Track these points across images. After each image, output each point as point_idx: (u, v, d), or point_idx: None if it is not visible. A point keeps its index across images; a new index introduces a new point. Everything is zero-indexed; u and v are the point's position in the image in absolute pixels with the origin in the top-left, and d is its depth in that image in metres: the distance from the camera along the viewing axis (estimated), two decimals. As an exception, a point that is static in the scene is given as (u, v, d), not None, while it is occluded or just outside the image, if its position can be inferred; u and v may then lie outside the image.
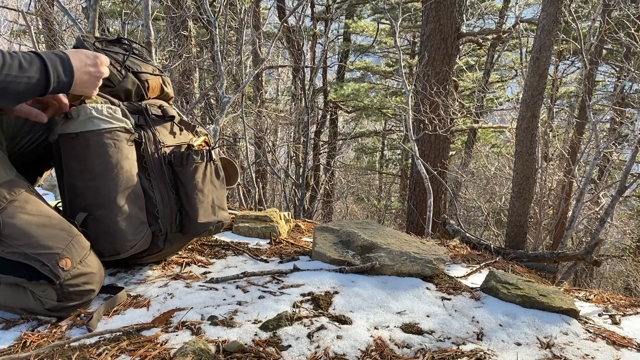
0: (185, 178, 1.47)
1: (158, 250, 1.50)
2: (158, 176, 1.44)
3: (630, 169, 4.69)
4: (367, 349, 1.18)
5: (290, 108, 10.63)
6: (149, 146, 1.43)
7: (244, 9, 5.79)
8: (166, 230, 1.46)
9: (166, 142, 1.48)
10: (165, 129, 1.51)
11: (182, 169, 1.47)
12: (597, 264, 2.99)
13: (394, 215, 13.38)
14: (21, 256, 1.16)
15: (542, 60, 3.91)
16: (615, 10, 7.00)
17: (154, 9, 6.39)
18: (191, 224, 1.49)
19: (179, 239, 1.54)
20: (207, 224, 1.52)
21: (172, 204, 1.46)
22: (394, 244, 1.82)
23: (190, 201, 1.47)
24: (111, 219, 1.33)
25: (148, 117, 1.46)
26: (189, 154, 1.48)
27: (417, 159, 5.36)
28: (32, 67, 1.09)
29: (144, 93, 1.53)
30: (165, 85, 1.64)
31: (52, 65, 1.12)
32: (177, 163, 1.47)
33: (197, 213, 1.48)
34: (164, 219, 1.44)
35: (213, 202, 1.55)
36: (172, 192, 1.46)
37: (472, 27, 10.81)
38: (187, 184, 1.47)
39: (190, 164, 1.47)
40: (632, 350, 1.33)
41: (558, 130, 8.71)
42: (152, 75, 1.57)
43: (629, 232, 9.26)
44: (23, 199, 1.22)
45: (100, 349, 1.09)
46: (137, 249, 1.39)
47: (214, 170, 1.57)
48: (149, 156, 1.43)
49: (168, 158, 1.46)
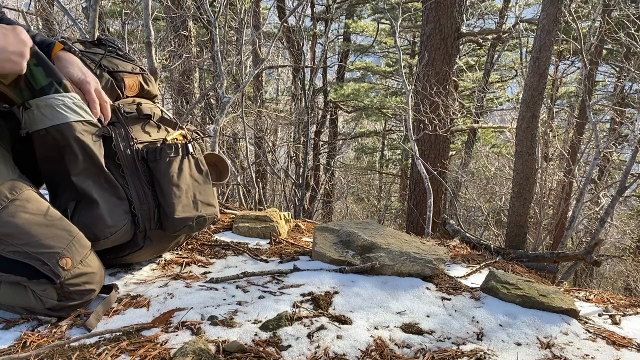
0: (159, 173, 1.45)
1: (138, 248, 1.48)
2: (132, 172, 1.43)
3: (630, 169, 4.69)
4: (367, 349, 1.18)
5: (290, 108, 10.64)
6: (120, 143, 1.42)
7: (244, 9, 5.78)
8: (145, 227, 1.44)
9: (140, 138, 1.48)
10: (139, 126, 1.51)
11: (155, 164, 1.46)
12: (597, 264, 2.99)
13: (394, 215, 13.38)
14: (22, 255, 1.16)
15: (542, 60, 3.91)
16: (615, 10, 7.00)
17: (154, 9, 6.39)
18: (168, 219, 1.46)
19: (161, 236, 1.52)
20: (186, 219, 1.49)
21: (149, 199, 1.44)
22: (394, 244, 1.82)
23: (165, 196, 1.45)
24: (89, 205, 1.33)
25: (120, 114, 1.46)
26: (162, 148, 1.47)
27: (417, 159, 5.36)
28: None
29: (119, 92, 1.54)
30: (147, 83, 1.64)
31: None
32: (151, 158, 1.46)
33: (174, 208, 1.46)
34: (141, 216, 1.42)
35: (195, 197, 1.53)
36: (148, 188, 1.44)
37: (472, 27, 10.81)
38: (161, 179, 1.46)
39: (164, 158, 1.46)
40: (632, 350, 1.33)
41: (558, 130, 8.70)
42: (130, 74, 1.57)
43: (629, 232, 9.26)
44: (24, 198, 1.22)
45: (100, 349, 1.09)
46: (117, 237, 1.37)
47: (193, 164, 1.56)
48: (120, 152, 1.41)
49: (141, 154, 1.45)
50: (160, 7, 7.53)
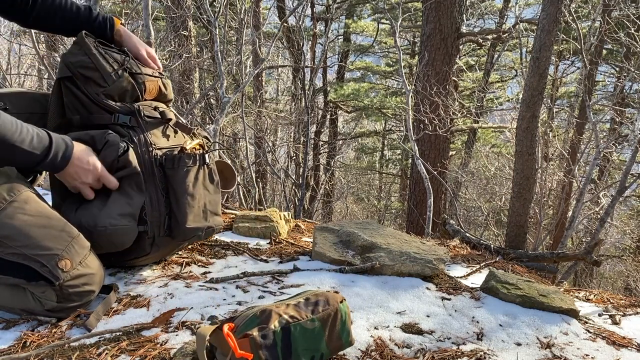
0: (175, 181, 1.44)
1: (145, 254, 1.47)
2: (148, 178, 1.41)
3: (630, 169, 4.69)
4: (367, 348, 1.18)
5: (290, 108, 10.63)
6: (139, 148, 1.41)
7: (244, 9, 5.78)
8: (154, 234, 1.42)
9: (159, 144, 1.46)
10: (159, 131, 1.49)
11: (173, 172, 1.44)
12: (597, 264, 2.99)
13: (394, 215, 13.38)
14: (20, 257, 1.16)
15: (542, 60, 3.91)
16: (615, 10, 7.00)
17: (154, 9, 6.39)
18: (179, 228, 1.45)
19: (168, 243, 1.51)
20: (196, 229, 1.49)
21: (162, 207, 1.43)
22: (394, 244, 1.82)
23: (179, 205, 1.44)
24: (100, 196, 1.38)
25: (140, 119, 1.44)
26: (180, 157, 1.45)
27: (417, 159, 5.36)
28: (40, 146, 1.21)
29: (139, 94, 1.51)
30: (165, 87, 1.62)
31: (54, 150, 1.24)
32: (168, 165, 1.44)
33: (186, 218, 1.45)
34: (152, 222, 1.41)
35: (205, 207, 1.52)
36: (162, 194, 1.43)
37: (472, 27, 10.81)
38: (177, 188, 1.44)
39: (182, 167, 1.45)
40: (632, 350, 1.33)
41: (558, 130, 8.71)
42: (150, 77, 1.56)
43: (629, 232, 9.26)
44: (23, 200, 1.22)
45: (100, 349, 1.09)
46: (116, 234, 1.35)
47: (207, 174, 1.55)
48: (139, 157, 1.40)
49: (160, 160, 1.44)
50: (160, 7, 7.53)
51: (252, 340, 0.94)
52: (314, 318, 1.02)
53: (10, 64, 7.64)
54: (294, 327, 0.99)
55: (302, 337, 1.00)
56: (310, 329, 1.01)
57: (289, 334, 0.98)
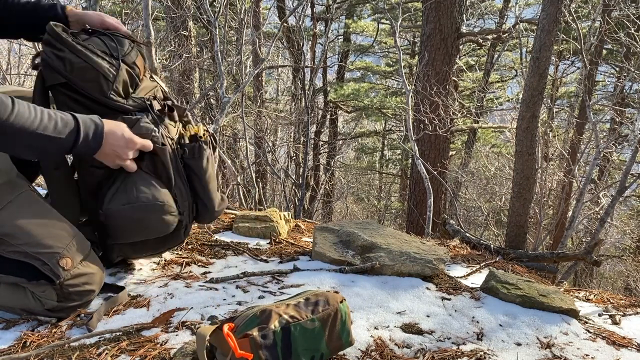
0: (199, 170, 1.45)
1: (180, 242, 1.54)
2: (176, 171, 1.40)
3: (630, 169, 4.68)
4: (367, 348, 1.18)
5: (290, 108, 10.62)
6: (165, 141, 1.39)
7: (244, 9, 5.78)
8: (186, 223, 1.47)
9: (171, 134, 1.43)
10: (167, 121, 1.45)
11: (194, 162, 1.44)
12: (597, 264, 2.99)
13: (394, 215, 13.38)
14: (21, 255, 1.16)
15: (542, 60, 3.91)
16: (615, 10, 7.00)
17: (154, 9, 6.39)
18: (208, 212, 1.51)
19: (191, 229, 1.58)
20: (220, 211, 1.56)
21: (189, 196, 1.45)
22: (394, 244, 1.82)
23: (206, 192, 1.48)
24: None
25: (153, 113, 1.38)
26: (200, 145, 1.45)
27: (417, 159, 5.35)
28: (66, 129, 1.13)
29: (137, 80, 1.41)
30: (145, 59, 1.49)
31: (84, 132, 1.16)
32: (189, 155, 1.44)
33: (214, 202, 1.51)
34: (185, 212, 1.44)
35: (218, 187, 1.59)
36: (186, 184, 1.44)
37: (472, 27, 10.80)
38: (202, 176, 1.46)
39: (203, 156, 1.46)
40: (632, 350, 1.33)
41: (558, 130, 8.70)
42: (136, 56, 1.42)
43: (629, 232, 9.25)
44: (23, 199, 1.22)
45: (100, 349, 1.09)
46: (151, 214, 1.33)
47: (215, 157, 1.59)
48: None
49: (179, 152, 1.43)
50: (160, 7, 7.52)
51: (252, 340, 0.94)
52: (314, 318, 1.02)
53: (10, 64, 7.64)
54: (294, 327, 0.99)
55: (302, 337, 1.00)
56: (310, 329, 1.01)
57: (289, 334, 0.98)
